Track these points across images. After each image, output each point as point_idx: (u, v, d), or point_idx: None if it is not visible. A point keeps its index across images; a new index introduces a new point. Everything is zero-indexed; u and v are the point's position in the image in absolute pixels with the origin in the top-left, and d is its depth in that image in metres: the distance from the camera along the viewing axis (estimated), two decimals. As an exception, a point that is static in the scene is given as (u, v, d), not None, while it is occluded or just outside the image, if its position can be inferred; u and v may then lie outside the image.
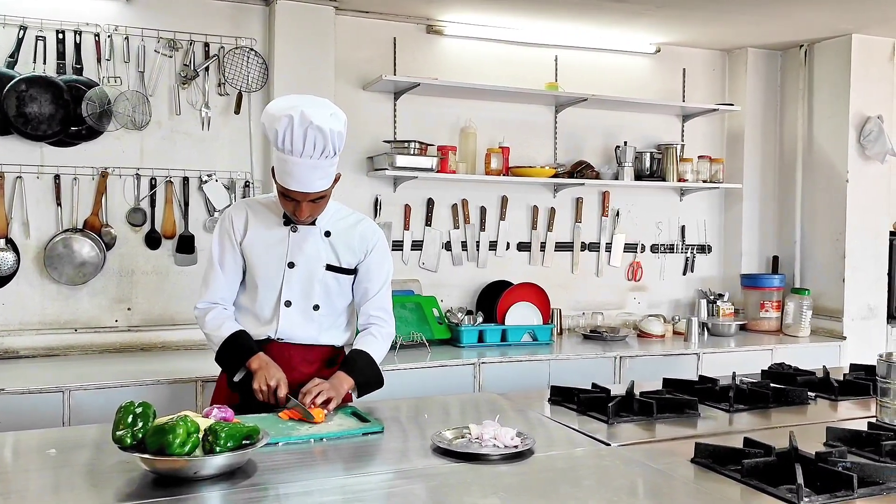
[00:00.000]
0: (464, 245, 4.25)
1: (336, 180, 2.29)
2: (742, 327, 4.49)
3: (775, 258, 4.75)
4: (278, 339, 2.36)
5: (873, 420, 2.18)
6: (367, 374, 2.34)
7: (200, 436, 1.67)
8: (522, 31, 4.24)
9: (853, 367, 2.99)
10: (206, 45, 3.69)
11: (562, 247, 4.47)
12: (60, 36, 3.44)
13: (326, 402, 2.17)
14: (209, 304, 2.39)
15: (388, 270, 2.46)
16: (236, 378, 2.33)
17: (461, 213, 4.23)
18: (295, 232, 2.35)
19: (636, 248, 4.62)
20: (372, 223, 2.47)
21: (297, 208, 2.24)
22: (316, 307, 2.36)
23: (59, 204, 3.47)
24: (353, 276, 2.42)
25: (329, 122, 2.13)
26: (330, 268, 2.37)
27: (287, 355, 2.34)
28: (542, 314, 4.05)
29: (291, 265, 2.34)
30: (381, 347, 2.42)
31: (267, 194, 2.78)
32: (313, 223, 2.35)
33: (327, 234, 2.37)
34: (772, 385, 2.57)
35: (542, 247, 4.41)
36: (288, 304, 2.35)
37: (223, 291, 2.38)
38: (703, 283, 4.75)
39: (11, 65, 3.37)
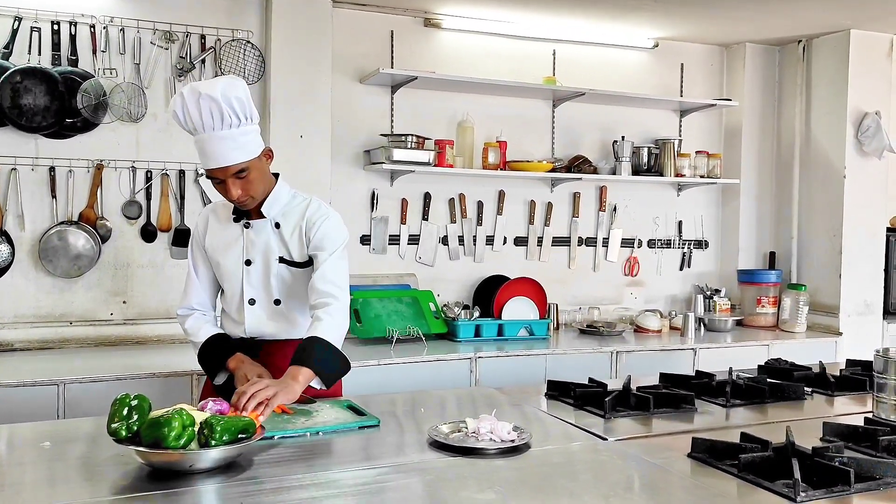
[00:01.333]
0: (461, 239, 4.24)
1: (268, 156, 2.23)
2: (738, 323, 4.49)
3: (772, 254, 4.75)
4: (251, 337, 2.34)
5: (870, 415, 2.18)
6: (324, 360, 2.09)
7: (196, 429, 1.67)
8: (520, 25, 4.22)
9: (849, 362, 2.99)
10: (203, 37, 3.67)
11: (559, 241, 4.46)
12: (56, 27, 3.42)
13: (263, 404, 1.90)
14: (187, 309, 2.40)
15: (334, 241, 2.26)
16: (217, 381, 2.31)
17: (458, 207, 4.22)
18: (248, 228, 2.30)
19: (633, 243, 4.62)
20: (318, 203, 2.32)
21: (226, 189, 2.17)
22: (277, 302, 2.32)
23: (54, 196, 3.46)
24: (310, 269, 2.29)
25: (220, 89, 2.07)
26: (283, 261, 2.30)
27: (264, 352, 2.32)
28: (539, 309, 4.05)
29: (248, 262, 2.31)
30: (333, 326, 2.14)
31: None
32: (261, 214, 2.28)
33: (277, 225, 2.30)
34: (768, 380, 2.57)
35: (539, 241, 4.41)
36: (252, 301, 2.31)
37: (200, 296, 2.39)
38: (699, 279, 4.75)
39: (6, 56, 3.35)
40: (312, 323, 2.17)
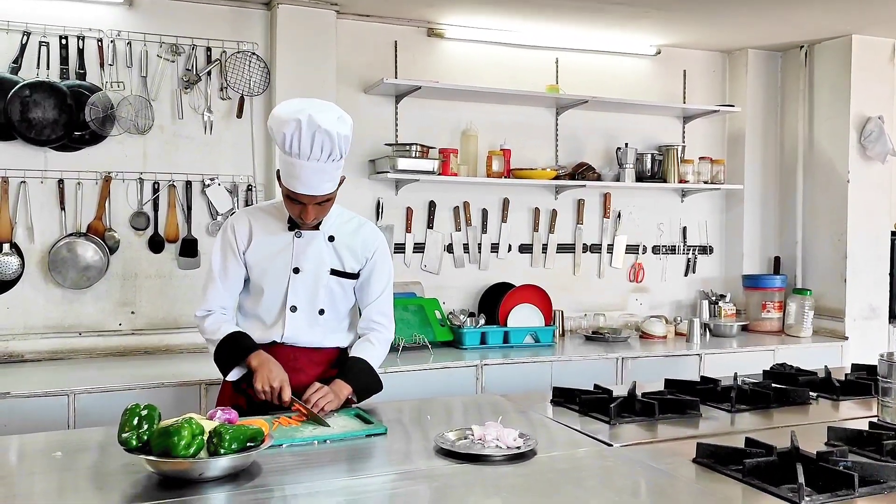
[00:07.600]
0: (465, 247, 4.26)
1: (340, 182, 2.30)
2: (744, 328, 4.49)
3: (777, 259, 4.75)
4: (283, 342, 2.37)
5: (875, 420, 2.19)
6: (365, 381, 2.36)
7: (205, 438, 1.69)
8: (523, 34, 4.25)
9: (855, 367, 3.00)
10: (209, 49, 3.70)
11: (563, 248, 4.47)
12: (64, 41, 3.46)
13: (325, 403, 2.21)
14: (207, 311, 2.41)
15: (389, 274, 2.48)
16: (231, 378, 2.34)
17: (463, 215, 4.24)
18: (299, 237, 2.36)
19: (638, 250, 4.63)
20: (374, 227, 2.49)
21: (304, 211, 2.25)
22: (321, 311, 2.38)
23: (62, 208, 3.49)
24: (356, 280, 2.44)
25: (336, 125, 2.15)
26: (334, 272, 2.38)
27: (293, 357, 2.36)
28: (544, 316, 4.06)
29: (297, 270, 2.36)
30: (379, 353, 2.44)
31: (268, 201, 2.82)
32: (317, 228, 2.37)
33: (331, 238, 2.39)
34: (773, 385, 2.58)
35: (544, 248, 4.42)
36: (293, 309, 2.36)
37: (222, 300, 2.40)
38: (704, 284, 4.75)
39: (15, 70, 3.39)
40: (362, 343, 2.43)
